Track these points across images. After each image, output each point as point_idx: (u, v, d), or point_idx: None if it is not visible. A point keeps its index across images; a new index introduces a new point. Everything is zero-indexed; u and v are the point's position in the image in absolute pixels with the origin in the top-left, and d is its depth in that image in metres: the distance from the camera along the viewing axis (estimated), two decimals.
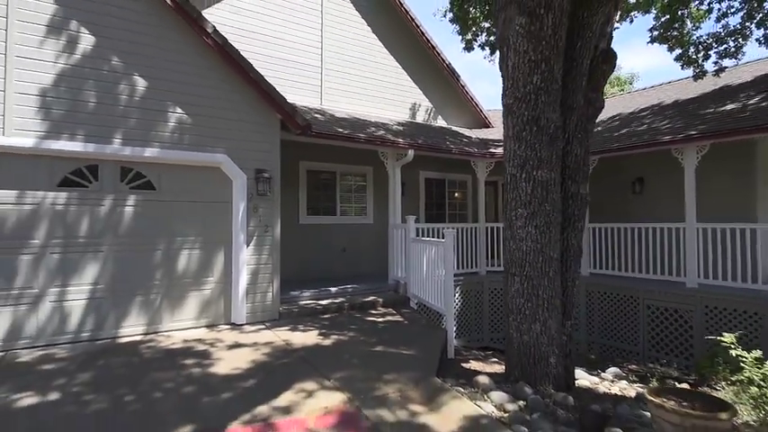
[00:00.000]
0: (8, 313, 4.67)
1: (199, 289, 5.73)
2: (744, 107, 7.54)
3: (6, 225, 4.68)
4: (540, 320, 3.99)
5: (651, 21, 9.74)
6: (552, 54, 4.02)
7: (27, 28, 4.73)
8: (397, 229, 7.83)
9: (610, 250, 8.53)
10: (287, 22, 8.80)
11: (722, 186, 8.14)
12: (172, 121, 5.48)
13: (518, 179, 4.09)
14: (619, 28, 10.37)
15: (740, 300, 6.62)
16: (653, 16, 9.72)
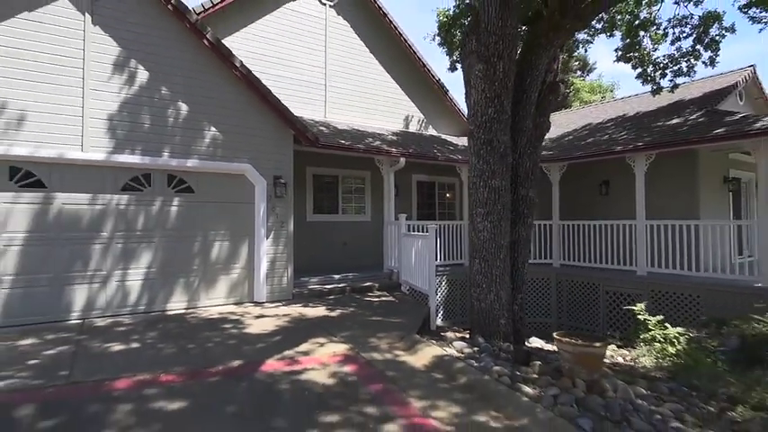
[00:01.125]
0: (84, 290, 6.01)
1: (228, 273, 7.07)
2: (685, 121, 8.87)
3: (83, 221, 6.02)
4: (494, 292, 5.32)
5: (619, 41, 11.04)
6: (503, 92, 5.34)
7: (98, 67, 6.06)
8: (390, 225, 9.15)
9: (578, 244, 9.84)
10: (294, 46, 10.12)
11: (671, 189, 9.46)
12: (207, 137, 6.82)
13: (477, 186, 5.42)
14: (592, 44, 11.65)
15: (682, 285, 7.90)
16: (620, 36, 11.01)
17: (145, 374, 4.02)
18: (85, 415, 3.24)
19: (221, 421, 3.20)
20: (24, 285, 5.66)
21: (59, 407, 3.35)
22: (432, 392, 3.80)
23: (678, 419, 3.35)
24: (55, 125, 5.77)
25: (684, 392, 3.99)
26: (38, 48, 5.69)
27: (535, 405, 3.44)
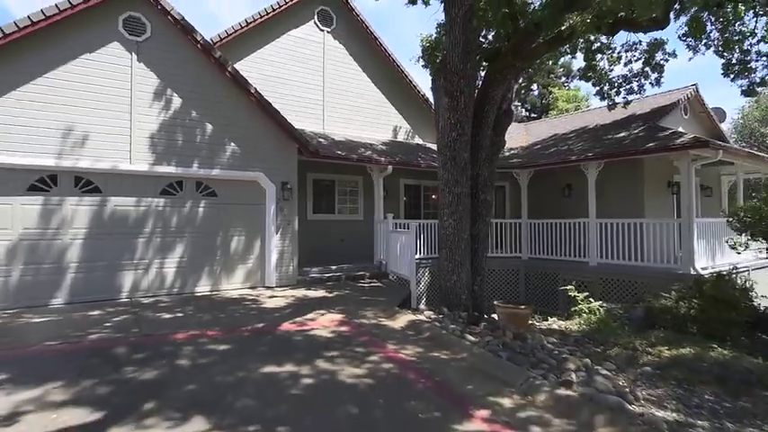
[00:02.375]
0: (131, 275, 7.48)
1: (244, 263, 8.56)
2: (629, 135, 10.46)
3: (130, 220, 7.49)
4: (456, 274, 6.85)
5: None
6: (464, 119, 6.87)
7: (141, 95, 7.53)
8: (380, 223, 10.65)
9: (543, 240, 11.37)
10: (297, 67, 11.60)
11: (621, 192, 11.01)
12: (227, 151, 8.30)
13: (445, 192, 6.95)
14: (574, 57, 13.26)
15: (626, 273, 9.42)
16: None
17: (194, 331, 5.52)
18: (162, 352, 4.73)
19: (257, 355, 4.70)
20: (85, 270, 7.13)
21: (142, 348, 4.84)
22: (403, 341, 5.33)
23: (570, 354, 4.89)
24: (109, 143, 7.23)
25: (585, 342, 5.54)
26: (96, 81, 7.16)
27: (473, 346, 4.98)
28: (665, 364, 4.54)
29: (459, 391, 3.90)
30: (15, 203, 6.68)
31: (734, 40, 9.98)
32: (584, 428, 3.24)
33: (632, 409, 3.42)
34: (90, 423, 3.14)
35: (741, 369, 4.28)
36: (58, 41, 6.85)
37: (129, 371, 4.16)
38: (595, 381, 3.96)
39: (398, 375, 4.25)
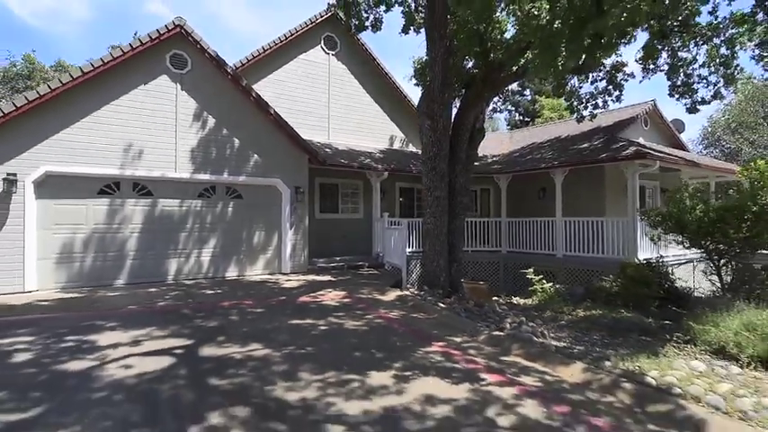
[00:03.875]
0: (175, 261, 9.28)
1: (264, 253, 10.36)
2: (590, 146, 12.22)
3: (174, 217, 9.29)
4: (436, 261, 8.62)
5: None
6: (443, 137, 8.64)
7: (183, 117, 9.33)
8: (377, 221, 12.43)
9: (520, 236, 13.12)
10: (306, 86, 13.39)
11: (586, 194, 12.75)
12: (251, 161, 10.10)
13: (427, 196, 8.72)
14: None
15: (586, 263, 11.15)
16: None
17: (234, 301, 7.32)
18: (216, 312, 6.52)
19: (284, 314, 6.48)
20: (140, 258, 8.94)
21: (200, 310, 6.64)
22: (391, 307, 7.12)
23: (513, 315, 6.67)
24: (159, 156, 9.04)
25: (530, 310, 7.31)
26: (149, 106, 8.97)
27: (443, 310, 6.77)
28: (577, 321, 6.32)
29: (426, 333, 5.69)
30: (89, 204, 8.50)
31: (678, 65, 11.74)
32: (505, 351, 5.02)
33: (537, 340, 5.20)
34: (186, 345, 4.94)
35: (628, 323, 6.05)
36: (122, 75, 8.66)
37: (198, 322, 5.96)
38: (521, 328, 5.75)
39: (386, 325, 6.04)
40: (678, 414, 3.46)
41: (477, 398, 3.66)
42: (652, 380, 3.99)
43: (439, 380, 4.05)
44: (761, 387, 3.84)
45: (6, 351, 4.57)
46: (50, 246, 8.12)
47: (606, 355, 4.72)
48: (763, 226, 6.57)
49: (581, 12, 4.86)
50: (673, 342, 5.07)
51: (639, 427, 3.28)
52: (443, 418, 3.29)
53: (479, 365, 4.51)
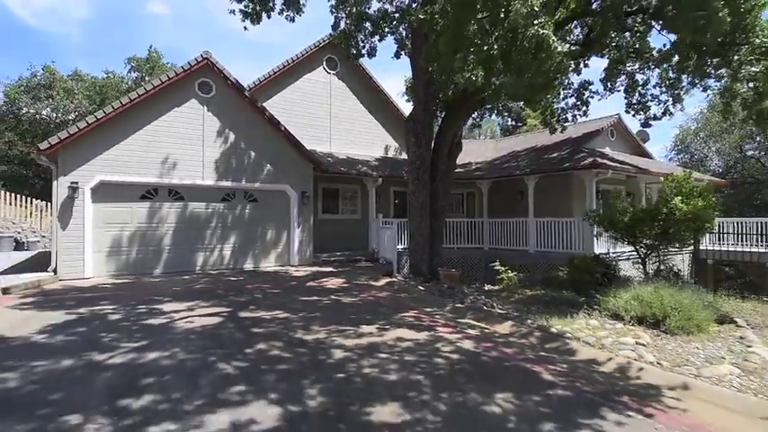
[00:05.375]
0: (202, 255, 11.10)
1: (276, 249, 12.18)
2: (558, 155, 14.01)
3: (201, 218, 11.11)
4: (419, 254, 10.41)
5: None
6: (425, 152, 10.44)
7: (209, 134, 11.14)
8: (373, 221, 14.22)
9: (499, 234, 14.89)
10: (311, 102, 15.19)
11: (557, 197, 14.52)
12: (265, 170, 11.91)
13: (412, 200, 10.52)
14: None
15: (554, 257, 12.91)
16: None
17: (255, 285, 9.12)
18: (244, 292, 8.32)
19: (297, 294, 8.28)
20: (174, 251, 10.75)
21: (231, 290, 8.44)
22: (381, 290, 8.93)
23: (477, 295, 8.46)
24: (189, 166, 10.85)
25: (494, 292, 9.10)
26: (181, 125, 10.78)
27: (422, 291, 8.58)
28: (525, 298, 8.13)
29: (405, 305, 7.50)
30: (133, 207, 10.31)
31: (634, 85, 13.52)
32: (461, 316, 6.82)
33: (486, 309, 7.01)
34: (227, 311, 6.74)
35: (562, 299, 7.85)
36: (160, 101, 10.48)
37: (231, 298, 7.77)
38: (478, 301, 7.57)
39: (375, 301, 7.86)
40: (563, 347, 5.27)
41: (432, 338, 5.48)
42: (554, 330, 5.80)
43: (408, 330, 5.86)
44: (625, 333, 5.65)
45: (104, 313, 6.38)
46: (103, 241, 9.94)
47: (532, 317, 6.53)
48: (671, 225, 8.35)
49: (522, 68, 6.61)
50: (585, 310, 6.88)
51: (532, 352, 5.09)
52: (406, 347, 5.10)
53: (439, 323, 6.33)
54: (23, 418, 3.16)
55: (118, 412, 3.28)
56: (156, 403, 3.42)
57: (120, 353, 4.62)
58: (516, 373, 4.43)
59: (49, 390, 3.68)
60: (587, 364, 4.76)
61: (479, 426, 3.25)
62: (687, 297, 6.32)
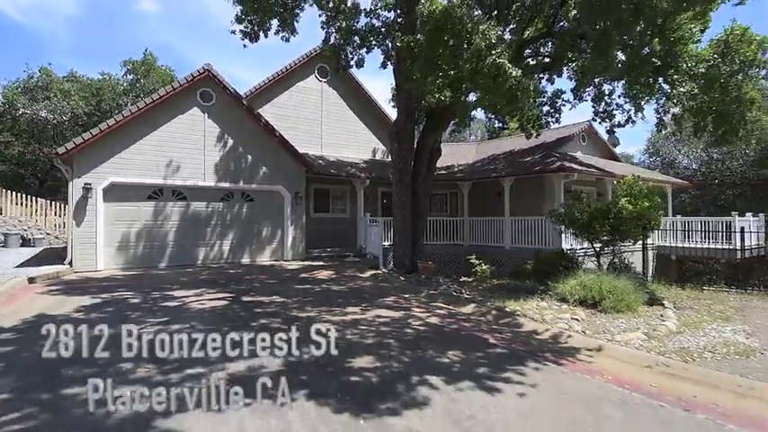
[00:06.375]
0: (203, 250, 12.09)
1: (271, 244, 13.20)
2: (532, 159, 15.21)
3: (202, 216, 12.10)
4: (402, 249, 11.51)
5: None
6: (408, 156, 11.55)
7: (210, 139, 12.13)
8: (361, 220, 15.29)
9: (478, 232, 16.04)
10: (303, 107, 16.21)
11: (531, 198, 15.71)
12: (261, 172, 12.93)
13: (396, 200, 11.62)
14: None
15: (527, 252, 14.07)
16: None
17: (253, 276, 10.16)
18: (243, 281, 9.35)
19: (291, 283, 9.34)
20: (177, 247, 11.73)
21: (232, 280, 9.46)
22: (366, 280, 10.03)
23: (450, 284, 9.58)
24: (191, 169, 11.84)
25: (466, 282, 10.23)
26: (184, 131, 11.76)
27: (403, 281, 9.69)
28: (492, 287, 9.28)
29: (386, 292, 8.60)
30: (140, 206, 11.28)
31: (600, 95, 14.76)
32: (433, 300, 7.93)
33: (455, 295, 8.14)
34: (231, 296, 7.77)
35: (523, 287, 9.00)
36: (165, 108, 11.46)
37: (233, 286, 8.81)
38: (450, 289, 8.70)
39: (360, 288, 8.95)
40: (512, 322, 6.41)
41: (405, 316, 6.59)
42: (508, 309, 6.94)
43: (386, 310, 6.97)
44: (566, 312, 6.81)
45: (124, 298, 7.40)
46: (113, 237, 10.90)
47: (493, 301, 7.67)
48: (621, 223, 9.54)
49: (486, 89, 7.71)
50: (539, 295, 8.04)
51: (486, 326, 6.23)
52: (382, 322, 6.20)
53: (413, 305, 7.44)
54: (87, 365, 4.19)
55: (158, 362, 4.32)
56: (186, 356, 4.47)
57: (148, 326, 5.65)
58: (468, 339, 5.55)
59: (99, 348, 4.71)
60: (528, 333, 5.91)
61: (431, 368, 4.36)
62: (622, 283, 7.50)
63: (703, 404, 3.77)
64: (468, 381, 4.08)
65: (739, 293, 9.90)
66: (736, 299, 9.14)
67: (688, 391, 4.05)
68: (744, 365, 4.79)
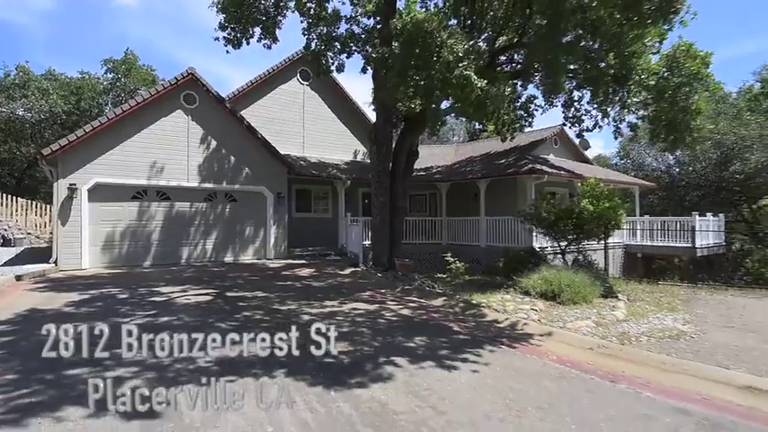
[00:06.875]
0: (187, 249, 12.41)
1: (254, 243, 13.58)
2: (506, 161, 15.92)
3: (186, 216, 12.41)
4: (380, 248, 12.04)
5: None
6: (386, 159, 12.08)
7: (193, 140, 12.46)
8: (342, 220, 15.76)
9: (456, 230, 16.67)
10: (285, 109, 16.60)
11: (505, 198, 16.41)
12: (243, 173, 13.30)
13: (375, 200, 12.14)
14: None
15: (500, 249, 14.74)
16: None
17: (238, 273, 10.55)
18: (227, 279, 9.75)
19: (274, 280, 9.78)
20: (161, 246, 12.03)
21: (216, 278, 9.84)
22: (345, 277, 10.52)
23: (424, 280, 10.14)
24: (175, 170, 12.15)
25: (441, 278, 10.82)
26: (168, 133, 12.06)
27: (380, 278, 10.22)
28: (464, 282, 9.88)
29: (364, 288, 9.11)
30: (125, 206, 11.55)
31: (570, 101, 15.52)
32: (407, 295, 8.48)
33: (428, 289, 8.71)
34: (216, 291, 8.18)
35: (492, 282, 9.63)
36: (150, 111, 11.74)
37: (217, 283, 9.20)
38: (424, 285, 9.26)
39: (339, 284, 9.44)
40: (477, 313, 7.00)
41: (379, 309, 7.12)
42: (475, 302, 7.53)
43: (362, 303, 7.48)
44: (526, 304, 7.44)
45: (112, 294, 7.74)
46: (98, 236, 11.15)
47: (462, 295, 8.26)
48: (584, 222, 10.25)
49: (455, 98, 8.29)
50: (505, 289, 8.67)
51: (453, 316, 6.80)
52: (358, 314, 6.72)
53: (388, 299, 7.98)
54: (85, 352, 4.59)
55: (151, 348, 4.75)
56: (178, 341, 4.91)
57: (137, 318, 6.06)
58: (435, 328, 6.11)
59: (93, 337, 5.11)
60: (490, 323, 6.50)
61: (398, 351, 4.89)
62: (579, 278, 8.18)
63: (629, 377, 4.39)
64: (430, 361, 4.63)
65: (690, 287, 10.73)
66: (686, 292, 9.94)
67: (619, 367, 4.67)
68: (673, 347, 5.46)
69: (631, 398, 3.88)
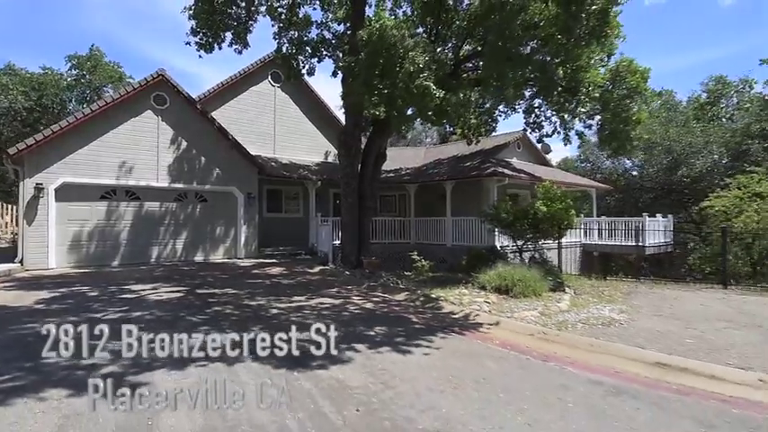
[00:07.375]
0: (157, 249, 12.51)
1: (224, 243, 13.77)
2: (471, 164, 16.65)
3: (156, 215, 12.51)
4: (349, 246, 12.48)
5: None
6: (355, 161, 12.53)
7: (163, 141, 12.57)
8: (312, 220, 16.10)
9: (424, 230, 17.27)
10: (257, 111, 16.81)
11: (470, 199, 17.15)
12: (214, 173, 13.48)
13: (344, 201, 12.57)
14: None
15: (464, 248, 15.42)
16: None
17: (209, 272, 10.78)
18: (198, 277, 9.97)
19: (244, 279, 10.07)
20: (131, 245, 12.10)
21: (187, 277, 10.05)
22: (315, 275, 10.92)
23: (390, 277, 10.66)
24: (145, 170, 12.23)
25: (406, 275, 11.36)
26: (138, 133, 12.14)
27: (348, 275, 10.67)
28: (427, 279, 10.45)
29: (332, 284, 9.55)
30: (93, 206, 11.58)
31: (531, 108, 16.37)
32: (372, 290, 8.95)
33: (392, 285, 9.23)
34: (186, 289, 8.43)
35: (453, 278, 10.23)
36: (119, 111, 11.81)
37: (187, 281, 9.44)
38: (388, 281, 9.77)
39: (308, 282, 9.84)
40: (435, 306, 7.55)
41: (344, 303, 7.58)
42: (434, 296, 8.10)
43: (329, 298, 7.92)
44: (481, 297, 8.05)
45: (82, 292, 7.90)
46: (65, 236, 11.14)
47: (423, 290, 8.82)
48: (539, 222, 11.01)
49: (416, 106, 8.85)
50: (464, 284, 9.28)
51: (413, 309, 7.34)
52: (324, 308, 7.16)
53: (354, 294, 8.45)
54: (62, 343, 4.85)
55: (130, 335, 5.05)
56: (151, 332, 5.23)
57: (110, 313, 6.31)
58: (394, 319, 6.63)
59: (66, 330, 5.35)
60: (446, 314, 7.06)
61: (359, 338, 5.37)
62: (531, 274, 8.87)
63: (559, 357, 5.01)
64: (387, 347, 5.13)
65: (634, 282, 11.66)
66: (629, 287, 10.82)
67: (552, 349, 5.30)
68: (604, 332, 6.15)
69: (556, 373, 4.49)
